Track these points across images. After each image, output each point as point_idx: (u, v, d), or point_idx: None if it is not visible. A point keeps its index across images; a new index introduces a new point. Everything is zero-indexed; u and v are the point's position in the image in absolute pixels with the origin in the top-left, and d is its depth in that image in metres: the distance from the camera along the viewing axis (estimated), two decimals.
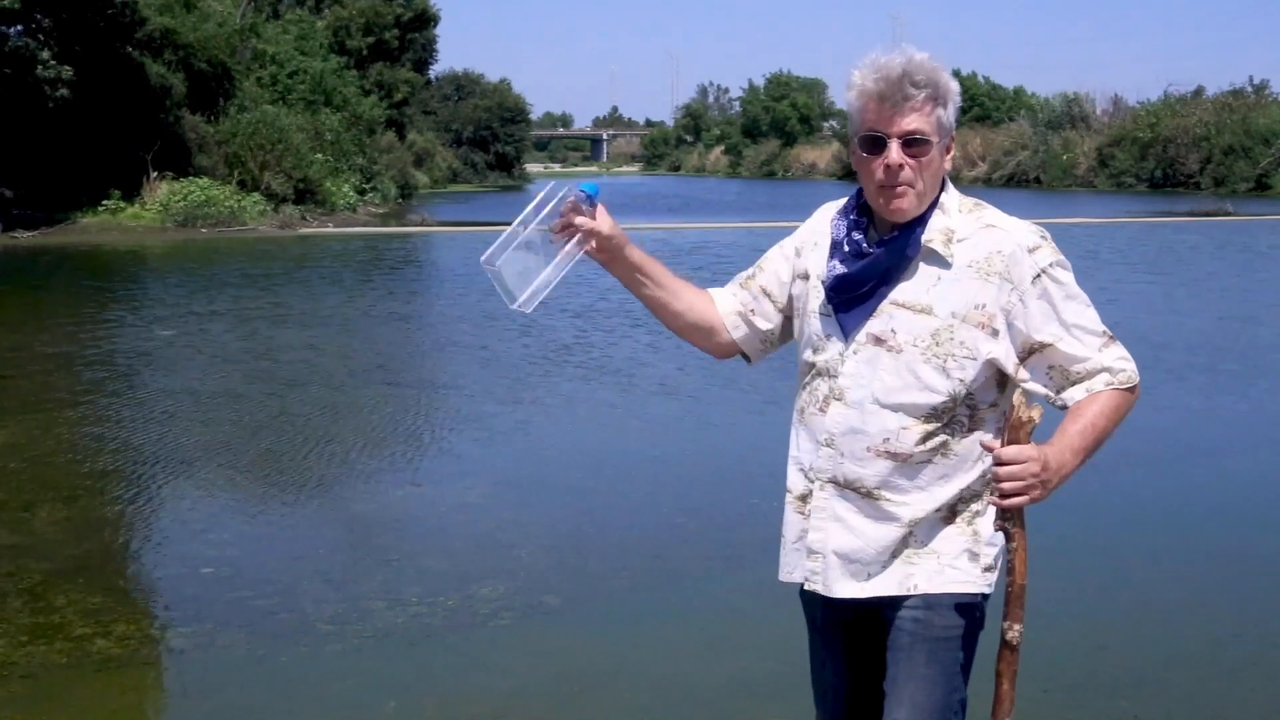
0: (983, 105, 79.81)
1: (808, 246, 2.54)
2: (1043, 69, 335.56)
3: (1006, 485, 2.24)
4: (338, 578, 5.72)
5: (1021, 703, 4.20)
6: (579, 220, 2.42)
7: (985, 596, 2.43)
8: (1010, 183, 61.34)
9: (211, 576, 5.68)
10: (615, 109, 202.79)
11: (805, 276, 2.53)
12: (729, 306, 2.63)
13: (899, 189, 2.34)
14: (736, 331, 2.62)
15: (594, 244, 2.44)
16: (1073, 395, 2.36)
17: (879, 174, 2.35)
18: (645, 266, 2.55)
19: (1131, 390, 2.38)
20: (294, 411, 9.51)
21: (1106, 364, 2.36)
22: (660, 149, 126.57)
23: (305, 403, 9.88)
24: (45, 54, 26.77)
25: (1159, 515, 6.80)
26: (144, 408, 9.58)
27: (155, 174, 29.72)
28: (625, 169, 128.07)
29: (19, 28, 27.17)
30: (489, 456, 8.26)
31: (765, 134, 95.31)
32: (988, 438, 2.35)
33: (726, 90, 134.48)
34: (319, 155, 36.00)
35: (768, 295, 2.59)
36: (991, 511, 2.36)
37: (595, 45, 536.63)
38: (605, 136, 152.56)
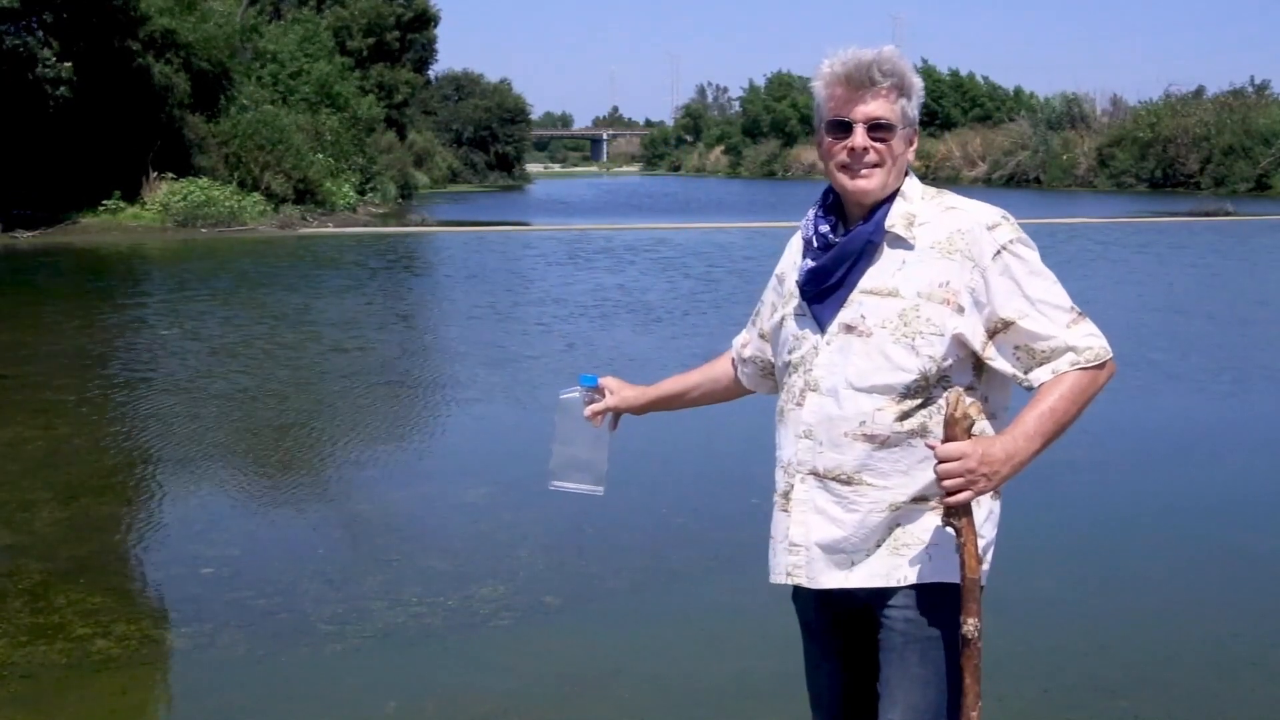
0: (983, 105, 79.81)
1: (789, 269, 2.59)
2: (1043, 69, 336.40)
3: (947, 483, 2.24)
4: (338, 578, 5.72)
5: (1021, 703, 4.24)
6: (599, 407, 2.89)
7: (980, 588, 2.43)
8: (1010, 183, 61.28)
9: (211, 576, 5.68)
10: (615, 109, 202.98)
11: (788, 292, 2.58)
12: (736, 355, 2.85)
13: (863, 170, 2.39)
14: (745, 378, 2.84)
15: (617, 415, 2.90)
16: (1039, 376, 2.35)
17: (842, 156, 2.40)
18: (661, 397, 2.90)
19: (1101, 367, 2.35)
20: (294, 411, 9.52)
21: (1072, 342, 2.34)
22: (660, 149, 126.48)
23: (305, 402, 9.89)
24: (46, 53, 26.77)
25: (1159, 515, 6.79)
26: (144, 407, 9.58)
27: (155, 174, 29.72)
28: (625, 169, 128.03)
29: (18, 25, 27.14)
30: (489, 456, 8.26)
31: (765, 134, 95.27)
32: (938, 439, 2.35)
33: (726, 90, 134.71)
34: (319, 155, 36.01)
35: (761, 335, 2.73)
36: (984, 501, 2.37)
37: (595, 45, 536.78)
38: (605, 136, 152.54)
